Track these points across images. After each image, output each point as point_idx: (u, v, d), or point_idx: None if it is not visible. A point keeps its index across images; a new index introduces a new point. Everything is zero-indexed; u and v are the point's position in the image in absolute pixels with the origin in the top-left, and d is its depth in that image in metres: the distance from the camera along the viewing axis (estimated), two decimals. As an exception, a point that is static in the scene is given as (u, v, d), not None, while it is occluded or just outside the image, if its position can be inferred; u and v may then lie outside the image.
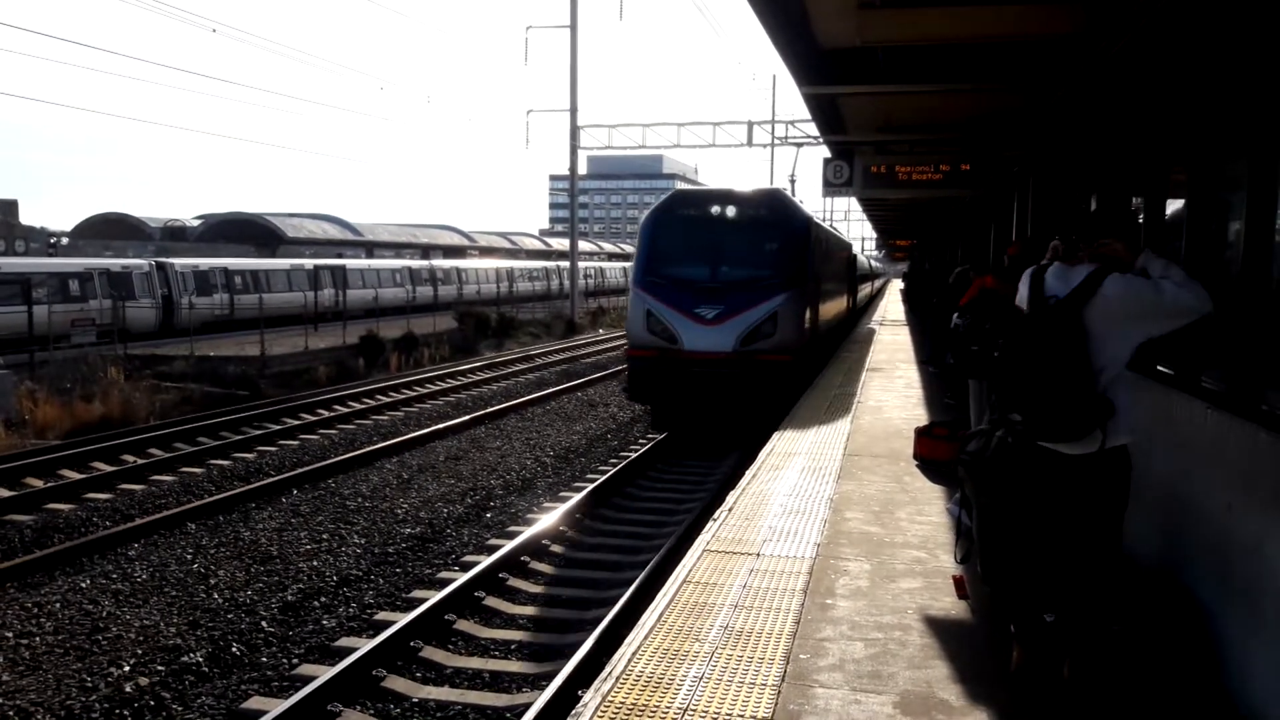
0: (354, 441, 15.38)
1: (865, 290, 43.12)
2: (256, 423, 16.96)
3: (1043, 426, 3.88)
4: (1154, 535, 5.00)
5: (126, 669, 6.98)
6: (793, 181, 38.64)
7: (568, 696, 5.99)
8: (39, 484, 12.33)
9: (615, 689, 4.04)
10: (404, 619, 7.32)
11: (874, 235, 57.74)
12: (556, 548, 9.67)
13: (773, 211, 14.90)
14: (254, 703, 6.39)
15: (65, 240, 43.91)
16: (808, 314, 14.47)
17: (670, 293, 13.93)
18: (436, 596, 7.82)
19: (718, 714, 3.83)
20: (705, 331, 13.56)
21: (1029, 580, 4.44)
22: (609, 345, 32.42)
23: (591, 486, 11.49)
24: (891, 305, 40.38)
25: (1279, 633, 3.54)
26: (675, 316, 13.72)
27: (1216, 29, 5.02)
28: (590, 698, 3.96)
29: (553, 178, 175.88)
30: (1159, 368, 5.36)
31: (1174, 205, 5.91)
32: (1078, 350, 3.82)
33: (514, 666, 6.95)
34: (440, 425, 16.31)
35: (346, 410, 18.26)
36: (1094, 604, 4.23)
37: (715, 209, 14.61)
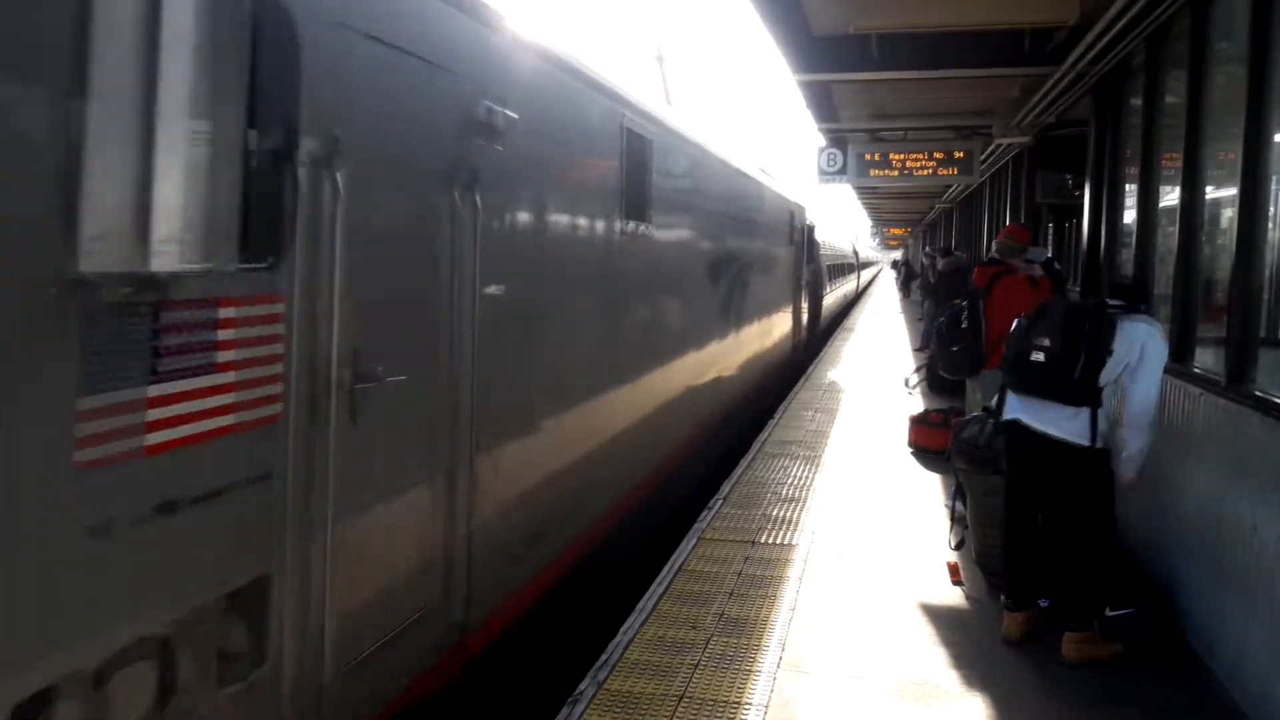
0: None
1: (848, 285, 34.61)
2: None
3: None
4: (1148, 520, 5.02)
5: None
6: (660, 60, 14.19)
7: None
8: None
9: (612, 677, 4.05)
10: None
11: (870, 223, 57.80)
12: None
13: None
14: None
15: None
16: None
17: None
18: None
19: (714, 701, 3.84)
20: None
21: (1023, 566, 4.47)
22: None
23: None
24: (885, 300, 39.32)
25: (1272, 616, 3.56)
26: None
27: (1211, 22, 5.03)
28: (587, 686, 3.97)
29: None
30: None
31: (1168, 194, 5.92)
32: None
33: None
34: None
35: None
36: (1088, 589, 4.27)
37: None
